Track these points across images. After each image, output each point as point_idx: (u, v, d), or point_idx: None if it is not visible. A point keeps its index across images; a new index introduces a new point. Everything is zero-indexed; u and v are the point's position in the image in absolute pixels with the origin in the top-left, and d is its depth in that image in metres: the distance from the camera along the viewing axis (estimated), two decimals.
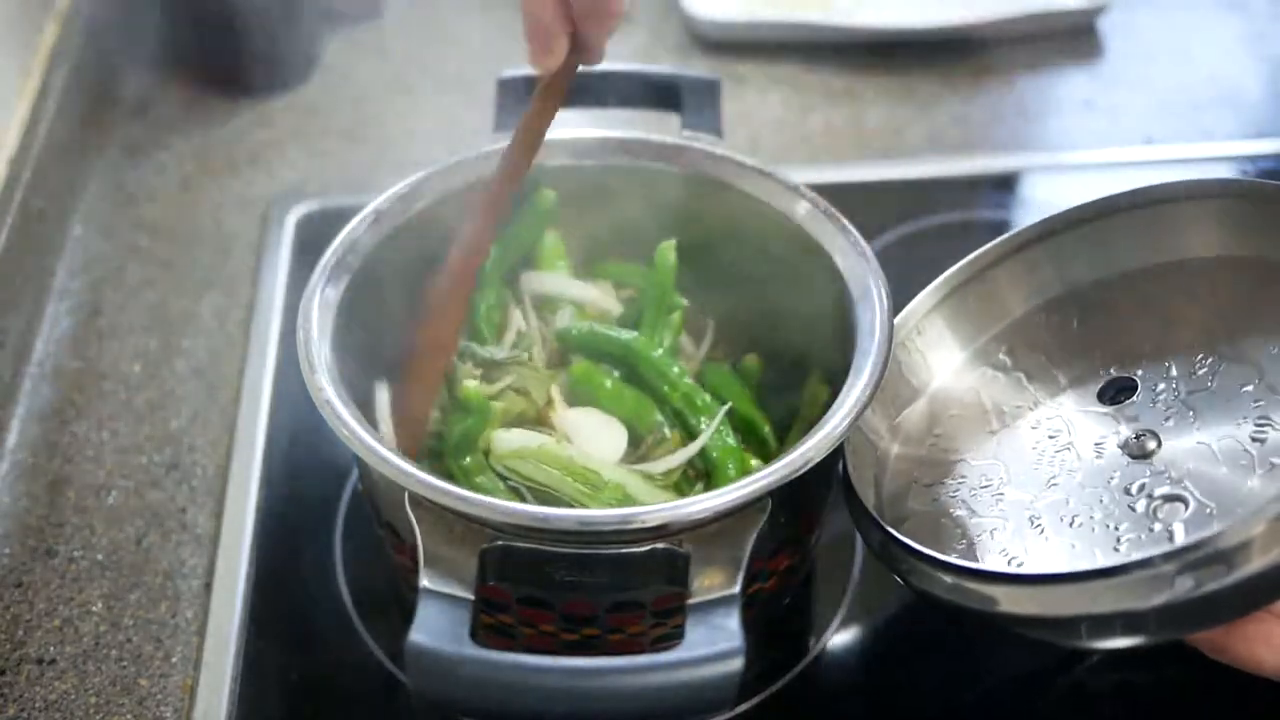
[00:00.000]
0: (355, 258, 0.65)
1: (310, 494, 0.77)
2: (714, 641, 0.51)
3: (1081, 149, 1.01)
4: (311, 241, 0.91)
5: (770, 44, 1.08)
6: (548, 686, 0.50)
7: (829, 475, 0.65)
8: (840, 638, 0.71)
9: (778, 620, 0.70)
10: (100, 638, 0.70)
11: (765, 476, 0.55)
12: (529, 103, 0.67)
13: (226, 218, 0.95)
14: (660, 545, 0.55)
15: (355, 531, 0.75)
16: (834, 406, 0.59)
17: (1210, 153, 1.00)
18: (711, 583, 0.54)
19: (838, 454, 0.61)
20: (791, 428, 0.70)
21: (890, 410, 0.68)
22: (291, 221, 0.93)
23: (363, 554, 0.74)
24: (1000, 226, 0.73)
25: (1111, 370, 0.65)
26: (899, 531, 0.60)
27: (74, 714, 0.67)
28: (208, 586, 0.72)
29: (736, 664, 0.50)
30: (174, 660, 0.69)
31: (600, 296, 0.73)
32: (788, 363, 0.71)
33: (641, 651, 0.60)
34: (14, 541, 0.75)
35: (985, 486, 0.64)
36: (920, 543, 0.59)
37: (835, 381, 0.61)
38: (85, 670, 0.69)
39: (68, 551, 0.74)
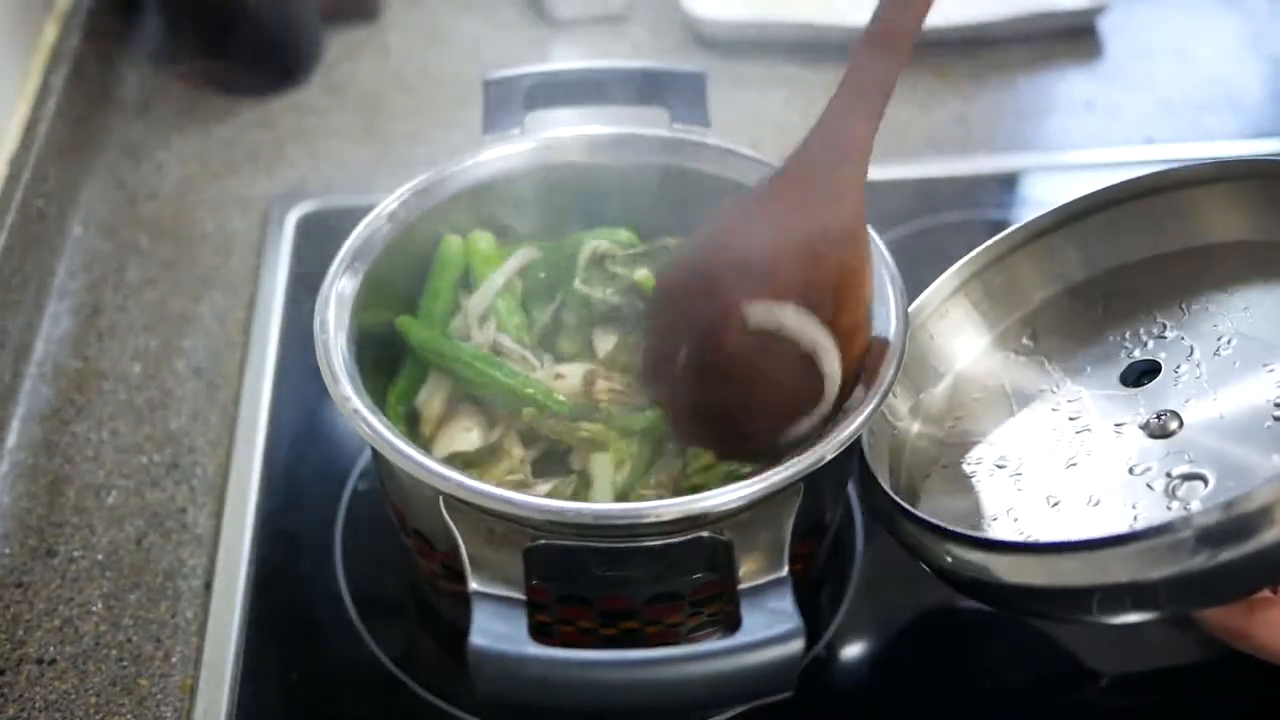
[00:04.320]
0: (363, 262, 0.65)
1: (310, 494, 0.77)
2: (773, 624, 0.52)
3: (1081, 149, 1.01)
4: (311, 241, 0.91)
5: (770, 44, 1.08)
6: (614, 679, 0.50)
7: (847, 463, 0.65)
8: (842, 637, 0.70)
9: None
10: (100, 638, 0.70)
11: (800, 462, 0.56)
12: (518, 102, 0.68)
13: (226, 218, 0.95)
14: (703, 534, 0.55)
15: (355, 531, 0.75)
16: (855, 394, 0.59)
17: (1210, 153, 1.00)
18: (756, 567, 0.54)
19: (860, 442, 0.62)
20: None
21: (911, 392, 0.69)
22: (291, 221, 0.93)
23: (363, 554, 0.74)
24: (1000, 227, 0.73)
25: (1135, 353, 0.65)
26: (914, 510, 0.60)
27: (74, 714, 0.67)
28: (208, 586, 0.72)
29: (798, 645, 0.51)
30: (174, 660, 0.69)
31: (524, 256, 0.71)
32: None
33: (679, 643, 0.61)
34: (14, 541, 0.75)
35: (1003, 467, 0.64)
36: (936, 520, 0.59)
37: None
38: (85, 670, 0.69)
39: (68, 551, 0.74)
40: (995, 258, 0.70)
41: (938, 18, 1.06)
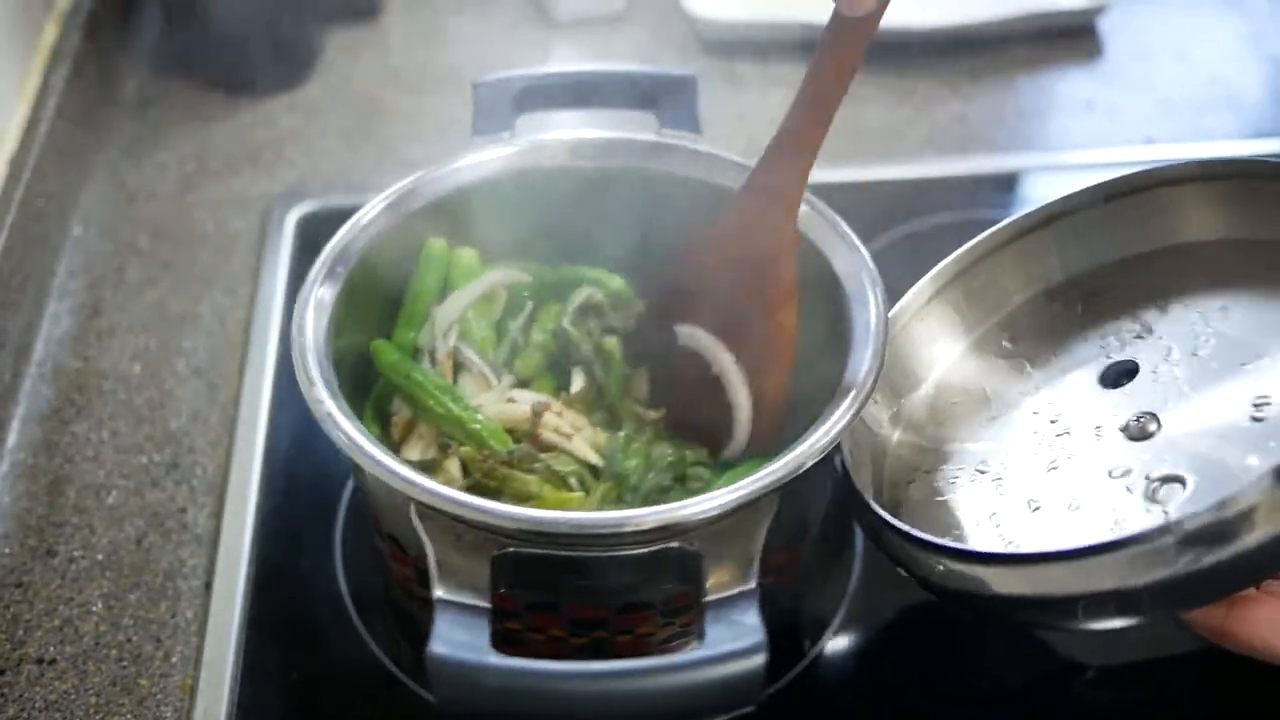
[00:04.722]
0: (344, 266, 0.65)
1: (310, 493, 0.77)
2: (736, 638, 0.51)
3: (1081, 149, 1.01)
4: (311, 241, 0.91)
5: (770, 44, 1.08)
6: (573, 691, 0.50)
7: (828, 471, 0.65)
8: (839, 639, 0.70)
9: (778, 619, 0.70)
10: (100, 638, 0.70)
11: (772, 473, 0.55)
12: (509, 105, 0.69)
13: (226, 218, 0.95)
14: (672, 544, 0.55)
15: (355, 531, 0.75)
16: (833, 402, 0.59)
17: (1210, 153, 1.00)
18: (725, 579, 0.54)
19: (837, 451, 0.61)
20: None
21: (891, 399, 0.68)
22: (291, 221, 0.93)
23: (363, 554, 0.74)
24: None
25: (1113, 354, 0.65)
26: (898, 518, 0.60)
27: (74, 714, 0.67)
28: (208, 586, 0.72)
29: (760, 659, 0.51)
30: (174, 660, 0.69)
31: (503, 276, 0.72)
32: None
33: (650, 653, 0.60)
34: (14, 541, 0.75)
35: (984, 472, 0.64)
36: (919, 529, 0.59)
37: (834, 376, 0.61)
38: (85, 670, 0.69)
39: (68, 551, 0.74)
40: (974, 260, 0.70)
41: (938, 18, 1.07)
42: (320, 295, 0.63)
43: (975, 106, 1.04)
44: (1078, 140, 1.02)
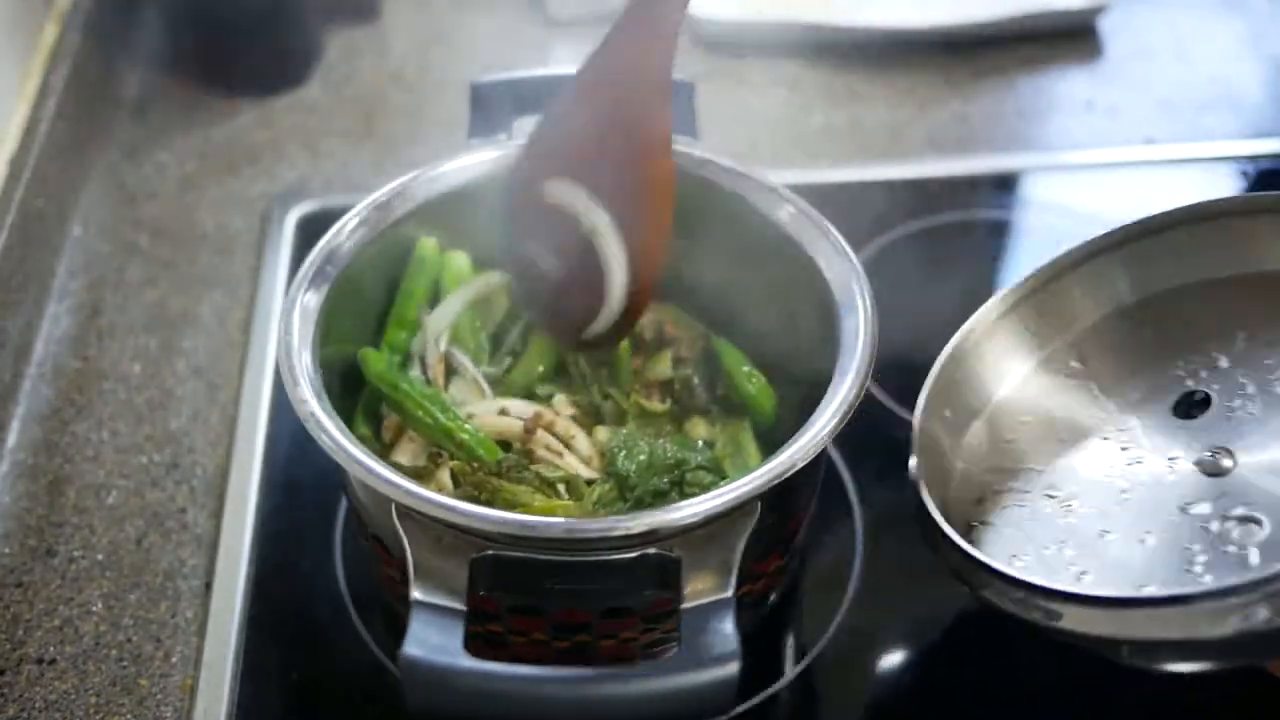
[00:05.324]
0: (334, 266, 0.65)
1: (310, 493, 0.77)
2: (710, 647, 0.51)
3: (1081, 149, 1.01)
4: (311, 242, 0.90)
5: (770, 44, 1.07)
6: (544, 696, 0.50)
7: (814, 477, 0.65)
8: (840, 639, 0.70)
9: (771, 621, 0.70)
10: (100, 638, 0.70)
11: (753, 480, 0.55)
12: (506, 107, 0.68)
13: (226, 218, 0.95)
14: (651, 550, 0.55)
15: (355, 531, 0.75)
16: (819, 410, 0.58)
17: (1210, 153, 1.00)
18: (704, 587, 0.54)
19: (823, 457, 0.61)
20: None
21: (959, 420, 0.67)
22: (291, 221, 0.93)
23: (362, 554, 0.74)
24: (1000, 226, 0.72)
25: (1186, 383, 0.64)
26: (968, 540, 0.59)
27: (74, 714, 0.67)
28: (208, 586, 0.72)
29: (733, 668, 0.50)
30: (174, 660, 0.69)
31: (495, 280, 0.72)
32: (771, 367, 0.70)
33: (633, 657, 0.60)
34: (14, 541, 0.75)
35: (1053, 497, 0.63)
36: (989, 552, 0.58)
37: (821, 386, 0.61)
38: (85, 670, 0.69)
39: (68, 551, 0.74)
40: (1047, 279, 0.69)
41: (938, 18, 1.07)
42: (308, 295, 0.63)
43: (975, 106, 1.04)
44: (1078, 140, 1.02)
